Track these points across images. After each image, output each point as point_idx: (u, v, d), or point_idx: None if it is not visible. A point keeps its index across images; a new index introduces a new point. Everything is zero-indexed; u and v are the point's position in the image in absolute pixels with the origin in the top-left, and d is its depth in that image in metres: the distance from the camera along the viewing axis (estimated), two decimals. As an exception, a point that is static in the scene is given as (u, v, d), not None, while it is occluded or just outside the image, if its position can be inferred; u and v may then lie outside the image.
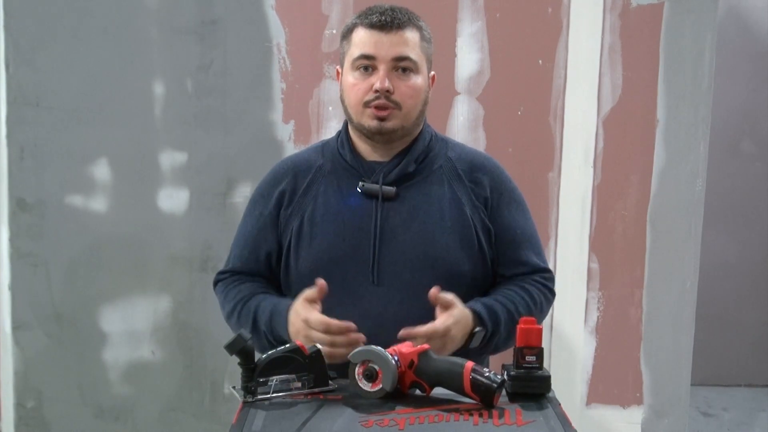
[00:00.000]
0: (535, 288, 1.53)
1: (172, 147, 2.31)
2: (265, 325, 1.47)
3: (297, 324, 1.39)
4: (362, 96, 1.46)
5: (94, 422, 2.36)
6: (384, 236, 1.48)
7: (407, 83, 1.46)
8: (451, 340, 1.38)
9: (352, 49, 1.47)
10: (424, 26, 1.51)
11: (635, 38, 2.27)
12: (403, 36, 1.45)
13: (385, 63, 1.44)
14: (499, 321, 1.45)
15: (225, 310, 1.57)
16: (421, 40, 1.48)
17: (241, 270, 1.58)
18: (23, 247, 2.29)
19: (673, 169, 2.29)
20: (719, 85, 2.58)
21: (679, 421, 2.41)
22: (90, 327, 2.33)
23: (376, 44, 1.44)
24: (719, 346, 3.76)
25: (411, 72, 1.46)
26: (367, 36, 1.45)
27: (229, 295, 1.56)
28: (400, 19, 1.45)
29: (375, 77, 1.45)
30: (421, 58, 1.48)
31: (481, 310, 1.44)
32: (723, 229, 3.74)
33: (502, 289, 1.53)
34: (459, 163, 1.55)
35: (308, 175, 1.55)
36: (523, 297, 1.50)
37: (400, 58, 1.45)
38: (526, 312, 1.47)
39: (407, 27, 1.46)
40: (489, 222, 1.53)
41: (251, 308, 1.51)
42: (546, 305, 1.55)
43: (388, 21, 1.44)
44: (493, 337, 1.45)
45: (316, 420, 1.15)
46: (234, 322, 1.53)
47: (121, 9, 2.26)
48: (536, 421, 1.14)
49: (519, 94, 2.30)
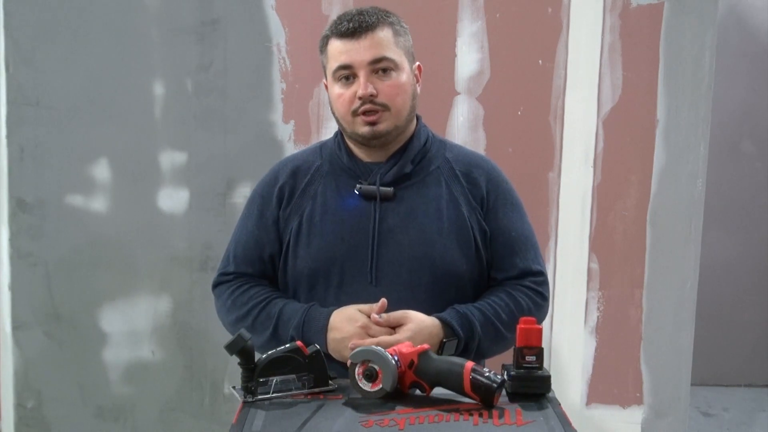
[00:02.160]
0: (522, 294, 1.51)
1: (172, 147, 2.31)
2: (295, 330, 1.45)
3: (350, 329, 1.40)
4: (349, 105, 1.46)
5: (94, 422, 2.36)
6: (382, 237, 1.48)
7: (389, 83, 1.45)
8: None
9: (330, 62, 1.48)
10: (395, 20, 1.49)
11: (635, 38, 2.27)
12: (375, 38, 1.44)
13: (363, 69, 1.44)
14: (473, 329, 1.44)
15: (233, 315, 1.53)
16: (395, 36, 1.47)
17: (245, 272, 1.57)
18: (23, 247, 2.29)
19: (673, 169, 2.29)
20: (719, 85, 2.58)
21: (679, 421, 2.41)
22: (90, 327, 2.33)
23: (349, 53, 1.44)
24: (719, 346, 3.76)
25: (391, 71, 1.46)
26: (341, 46, 1.45)
27: (239, 300, 1.53)
28: (368, 21, 1.45)
29: (357, 85, 1.45)
30: (398, 54, 1.47)
31: (451, 320, 1.43)
32: (723, 229, 3.74)
33: (488, 295, 1.52)
34: (456, 164, 1.55)
35: (307, 175, 1.55)
36: (508, 304, 1.48)
37: (377, 60, 1.44)
38: (510, 319, 1.45)
39: (377, 27, 1.45)
40: (485, 223, 1.53)
41: (272, 314, 1.49)
42: (536, 310, 1.52)
43: (356, 26, 1.44)
44: (470, 344, 1.44)
45: (316, 420, 1.15)
46: (247, 326, 1.49)
47: (121, 9, 2.26)
48: (536, 421, 1.14)
49: (519, 94, 2.30)
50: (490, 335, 1.45)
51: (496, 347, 1.49)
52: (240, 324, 1.51)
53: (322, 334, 1.43)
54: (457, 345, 1.43)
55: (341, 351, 1.41)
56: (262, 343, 1.48)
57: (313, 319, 1.45)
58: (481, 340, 1.45)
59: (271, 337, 1.47)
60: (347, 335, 1.40)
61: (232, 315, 1.54)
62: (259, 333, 1.48)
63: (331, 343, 1.42)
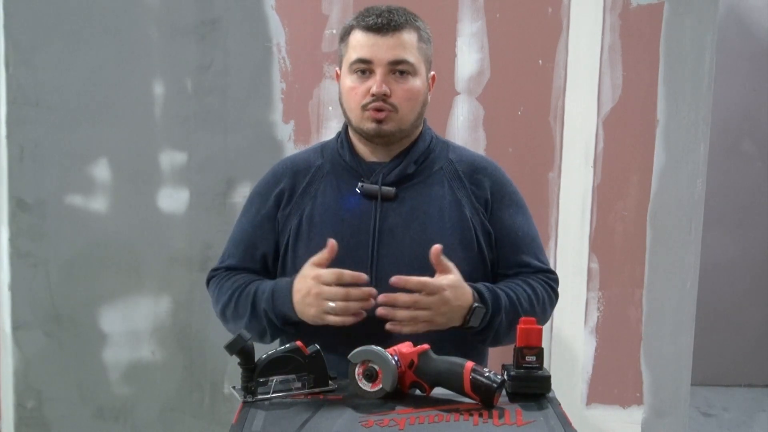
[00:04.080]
0: (538, 284, 1.52)
1: (172, 147, 2.31)
2: (266, 302, 1.44)
3: (305, 286, 1.37)
4: (360, 99, 1.46)
5: (94, 422, 2.36)
6: (383, 236, 1.48)
7: (404, 86, 1.45)
8: (444, 302, 1.36)
9: (350, 53, 1.47)
10: (422, 26, 1.49)
11: (635, 38, 2.27)
12: (400, 38, 1.44)
13: (381, 66, 1.43)
14: (500, 303, 1.43)
15: (220, 303, 1.54)
16: (419, 41, 1.47)
17: (235, 267, 1.57)
18: (23, 247, 2.29)
19: (673, 169, 2.29)
20: (719, 85, 2.58)
21: (679, 421, 2.41)
22: (90, 327, 2.33)
23: (372, 48, 1.43)
24: (719, 346, 3.76)
25: (408, 75, 1.45)
26: (364, 39, 1.44)
27: (224, 287, 1.53)
28: (397, 20, 1.44)
29: (372, 81, 1.44)
30: (418, 60, 1.47)
31: (482, 288, 1.43)
32: (723, 229, 3.74)
33: (507, 281, 1.52)
34: (460, 165, 1.55)
35: (307, 175, 1.55)
36: (526, 289, 1.49)
37: (397, 61, 1.44)
38: (528, 304, 1.46)
39: (404, 29, 1.45)
40: (489, 224, 1.53)
41: (250, 292, 1.48)
42: (549, 303, 1.53)
43: (384, 23, 1.43)
44: (494, 319, 1.43)
45: (316, 420, 1.15)
46: (231, 312, 1.50)
47: (121, 9, 2.25)
48: (536, 421, 1.14)
49: (519, 94, 2.30)
50: (510, 317, 1.44)
51: (511, 332, 1.47)
52: (226, 311, 1.51)
53: (289, 301, 1.41)
54: (484, 316, 1.42)
55: (304, 310, 1.39)
56: (244, 324, 1.47)
57: (280, 288, 1.44)
58: (503, 319, 1.44)
59: (250, 316, 1.47)
60: (309, 288, 1.37)
61: (219, 304, 1.54)
62: (242, 316, 1.48)
63: (296, 305, 1.40)
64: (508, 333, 1.47)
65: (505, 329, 1.46)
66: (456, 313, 1.39)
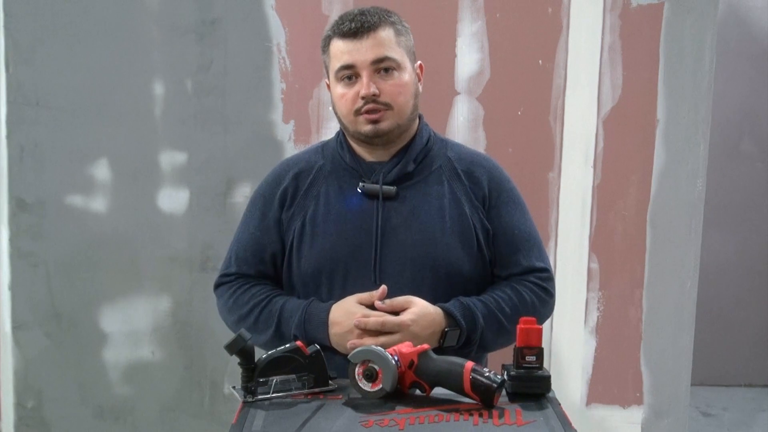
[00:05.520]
0: (526, 288, 1.52)
1: (172, 147, 2.31)
2: (296, 328, 1.46)
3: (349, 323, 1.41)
4: (351, 105, 1.47)
5: (94, 422, 2.36)
6: (385, 236, 1.48)
7: (392, 82, 1.46)
8: (412, 336, 1.38)
9: (333, 62, 1.49)
10: (397, 20, 1.50)
11: (635, 38, 2.27)
12: (377, 37, 1.45)
13: (365, 68, 1.44)
14: (476, 321, 1.44)
15: (235, 314, 1.54)
16: (396, 36, 1.48)
17: (246, 272, 1.57)
18: (23, 247, 2.29)
19: (673, 169, 2.29)
20: (719, 85, 2.58)
21: (679, 421, 2.41)
22: (90, 327, 2.33)
23: (352, 53, 1.45)
24: (719, 346, 3.76)
25: (394, 70, 1.46)
26: (343, 46, 1.46)
27: (241, 299, 1.54)
28: (371, 21, 1.45)
29: (359, 84, 1.45)
30: (400, 54, 1.47)
31: (454, 310, 1.44)
32: (723, 229, 3.74)
33: (492, 289, 1.52)
34: (458, 163, 1.56)
35: (309, 175, 1.56)
36: (511, 297, 1.49)
37: (379, 59, 1.45)
38: (513, 312, 1.46)
39: (380, 27, 1.46)
40: (487, 221, 1.53)
41: (273, 312, 1.50)
42: (541, 305, 1.53)
43: (359, 26, 1.44)
44: (472, 335, 1.45)
45: (316, 420, 1.15)
46: (248, 325, 1.50)
47: (121, 9, 2.25)
48: (536, 421, 1.14)
49: (519, 94, 2.30)
50: (493, 328, 1.46)
51: (499, 340, 1.49)
52: (242, 323, 1.51)
53: (324, 330, 1.44)
54: (459, 336, 1.44)
55: (341, 343, 1.42)
56: (265, 341, 1.49)
57: (314, 315, 1.46)
58: (484, 332, 1.45)
59: (273, 335, 1.48)
60: (348, 329, 1.41)
61: (233, 315, 1.55)
62: (261, 332, 1.49)
63: (333, 338, 1.43)
64: (496, 341, 1.49)
65: (491, 340, 1.48)
66: (426, 339, 1.40)
